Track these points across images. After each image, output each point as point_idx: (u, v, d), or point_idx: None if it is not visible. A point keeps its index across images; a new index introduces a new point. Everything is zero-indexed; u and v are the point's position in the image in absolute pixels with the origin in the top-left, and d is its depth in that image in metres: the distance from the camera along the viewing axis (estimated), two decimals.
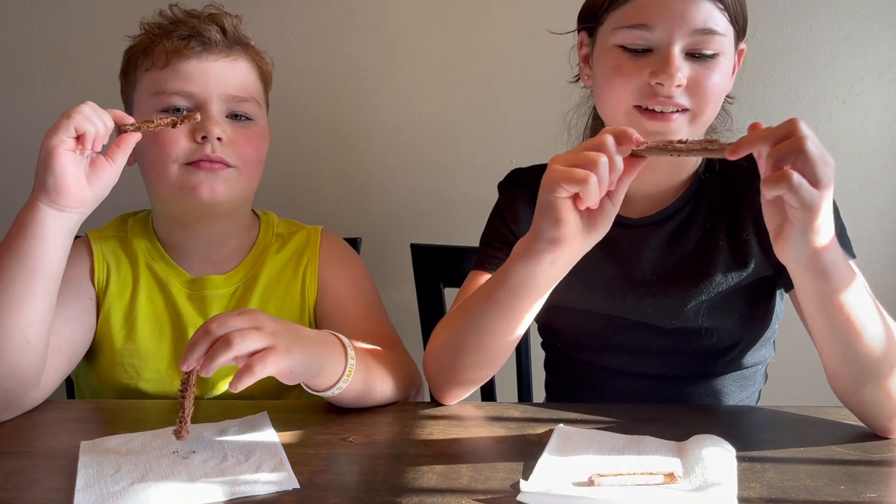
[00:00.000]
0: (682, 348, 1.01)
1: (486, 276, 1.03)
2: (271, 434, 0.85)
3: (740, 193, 0.98)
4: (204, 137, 1.00)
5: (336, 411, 0.93)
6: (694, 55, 0.90)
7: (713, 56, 0.90)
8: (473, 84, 1.48)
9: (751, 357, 1.03)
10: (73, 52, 1.47)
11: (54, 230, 0.87)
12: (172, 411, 0.91)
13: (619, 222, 1.00)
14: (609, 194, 0.80)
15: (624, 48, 0.92)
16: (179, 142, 1.00)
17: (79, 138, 0.85)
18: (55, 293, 0.90)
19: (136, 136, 0.91)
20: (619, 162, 0.78)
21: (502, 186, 1.10)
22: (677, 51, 0.89)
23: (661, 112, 0.90)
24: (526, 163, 1.11)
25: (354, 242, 1.28)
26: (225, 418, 0.89)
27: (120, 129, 0.90)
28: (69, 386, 1.22)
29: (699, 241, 0.99)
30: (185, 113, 0.99)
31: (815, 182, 0.69)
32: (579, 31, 1.01)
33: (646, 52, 0.91)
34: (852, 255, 0.93)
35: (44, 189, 0.85)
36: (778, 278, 0.97)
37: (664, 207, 1.00)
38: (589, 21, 0.98)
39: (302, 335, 0.84)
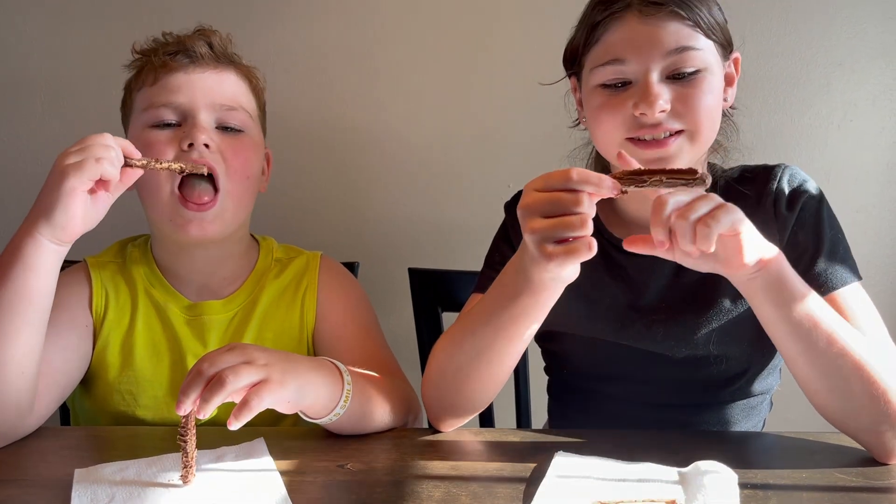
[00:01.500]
0: (690, 377, 1.00)
1: None
2: (268, 461, 0.84)
3: (751, 217, 0.97)
4: (191, 145, 0.99)
5: (333, 438, 0.92)
6: (675, 76, 0.90)
7: (695, 73, 0.90)
8: (471, 110, 1.48)
9: (758, 385, 1.03)
10: (71, 78, 1.48)
11: (52, 262, 0.87)
12: (167, 438, 0.91)
13: (628, 250, 1.00)
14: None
15: (604, 86, 0.92)
16: (167, 154, 0.99)
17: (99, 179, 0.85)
18: (47, 321, 0.90)
19: (137, 173, 0.91)
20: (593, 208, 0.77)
21: (509, 207, 1.09)
22: (655, 77, 0.89)
23: (654, 140, 0.90)
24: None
25: (352, 267, 1.27)
26: (221, 445, 0.88)
27: (126, 162, 0.89)
28: (63, 413, 1.20)
29: None
30: (187, 162, 0.97)
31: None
32: (569, 77, 1.02)
33: (626, 85, 0.91)
34: (858, 278, 0.93)
35: (49, 224, 0.85)
36: None
37: None
38: (572, 65, 1.00)
39: (296, 363, 0.83)
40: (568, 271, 0.79)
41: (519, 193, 1.10)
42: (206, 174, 0.97)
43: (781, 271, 0.81)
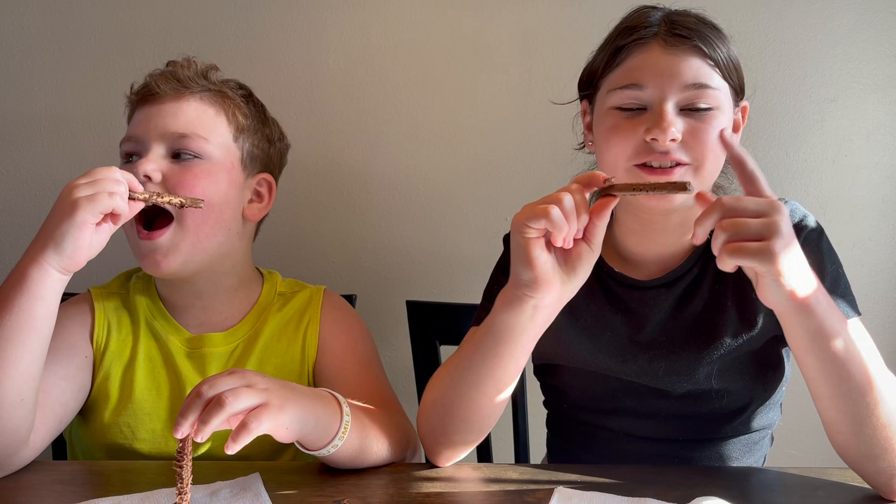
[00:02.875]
0: (691, 412, 1.00)
1: None
2: (263, 496, 0.83)
3: None
4: (147, 177, 0.99)
5: (330, 473, 0.91)
6: (689, 110, 0.91)
7: (709, 110, 0.91)
8: (470, 143, 1.49)
9: (759, 420, 1.02)
10: (72, 111, 1.49)
11: (56, 290, 0.87)
12: (162, 472, 0.90)
13: (629, 284, 1.00)
14: (585, 238, 0.81)
15: (620, 109, 0.93)
16: (134, 188, 0.97)
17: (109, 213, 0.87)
18: (47, 349, 0.89)
19: (139, 206, 0.92)
20: (585, 200, 0.80)
21: (507, 239, 1.09)
22: (670, 106, 0.90)
23: (661, 167, 0.91)
24: None
25: (350, 299, 1.27)
26: (216, 480, 0.87)
27: (130, 195, 0.90)
28: (56, 447, 1.19)
29: (708, 302, 0.98)
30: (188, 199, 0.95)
31: (760, 237, 0.74)
32: (581, 100, 1.03)
33: (640, 111, 0.92)
34: (858, 313, 0.93)
35: (58, 254, 0.85)
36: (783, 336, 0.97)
37: (672, 269, 1.00)
38: (587, 88, 1.01)
39: (295, 391, 0.83)
40: (544, 267, 0.80)
41: None
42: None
43: (818, 311, 0.78)
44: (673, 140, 0.89)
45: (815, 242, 0.96)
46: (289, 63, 1.47)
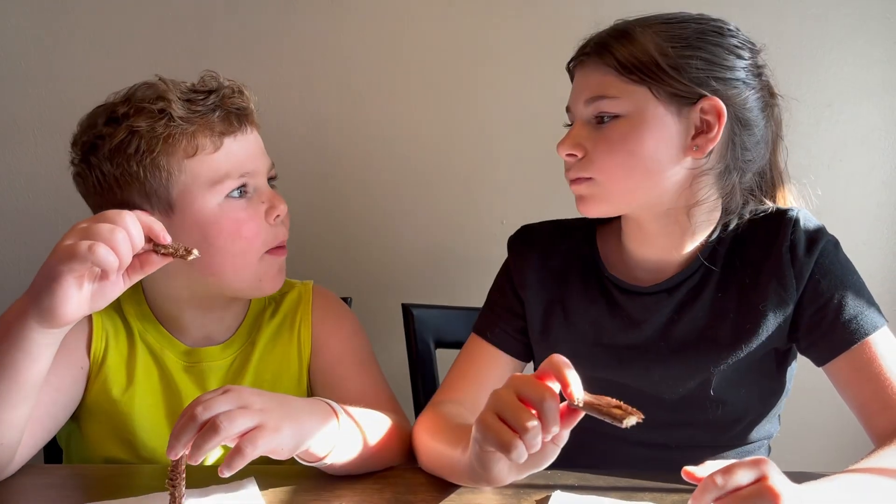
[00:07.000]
0: (687, 420, 0.99)
1: (485, 345, 1.03)
2: (259, 501, 0.83)
3: (762, 262, 0.96)
4: (276, 216, 0.98)
5: (326, 477, 0.90)
6: (599, 122, 0.92)
7: (614, 118, 0.91)
8: (466, 146, 1.49)
9: (756, 432, 1.01)
10: (63, 115, 1.48)
11: (43, 345, 0.80)
12: (156, 477, 0.89)
13: (628, 290, 1.00)
14: (553, 438, 0.73)
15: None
16: (261, 228, 0.97)
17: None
18: (34, 400, 0.84)
19: (165, 261, 0.80)
20: (557, 422, 0.71)
21: (512, 245, 1.08)
22: (578, 122, 0.94)
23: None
24: (517, 223, 1.10)
25: (345, 302, 1.26)
26: (210, 483, 0.86)
27: (154, 248, 0.79)
28: (48, 450, 1.17)
29: (709, 310, 0.97)
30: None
31: None
32: None
33: None
34: (885, 320, 0.93)
35: (37, 308, 0.77)
36: (809, 349, 0.95)
37: (673, 275, 0.98)
38: None
39: (292, 409, 0.81)
40: (501, 472, 0.76)
41: (523, 230, 1.09)
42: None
43: None
44: (570, 155, 0.93)
45: (833, 255, 0.95)
46: (284, 66, 1.47)
